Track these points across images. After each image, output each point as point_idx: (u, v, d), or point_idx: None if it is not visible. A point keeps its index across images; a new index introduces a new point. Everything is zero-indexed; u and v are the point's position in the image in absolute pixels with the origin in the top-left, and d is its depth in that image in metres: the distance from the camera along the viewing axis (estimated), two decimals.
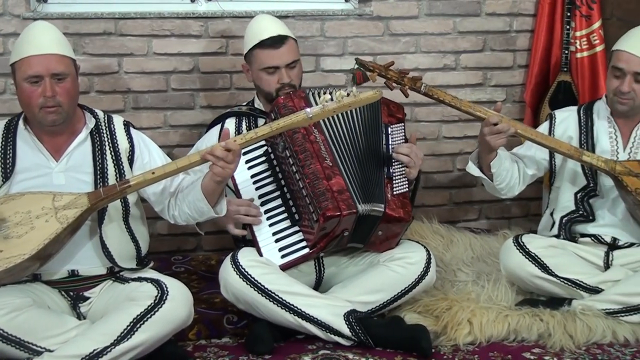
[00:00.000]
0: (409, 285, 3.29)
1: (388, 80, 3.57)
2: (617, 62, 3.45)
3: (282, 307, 3.13)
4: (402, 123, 3.44)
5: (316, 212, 3.14)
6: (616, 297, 3.36)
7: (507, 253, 3.50)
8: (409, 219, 3.28)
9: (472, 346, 3.24)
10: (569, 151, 3.48)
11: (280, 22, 3.53)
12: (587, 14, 4.27)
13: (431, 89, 3.55)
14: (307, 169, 3.20)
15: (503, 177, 3.56)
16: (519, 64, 4.46)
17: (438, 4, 4.27)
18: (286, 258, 3.24)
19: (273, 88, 3.41)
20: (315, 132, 3.28)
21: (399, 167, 3.33)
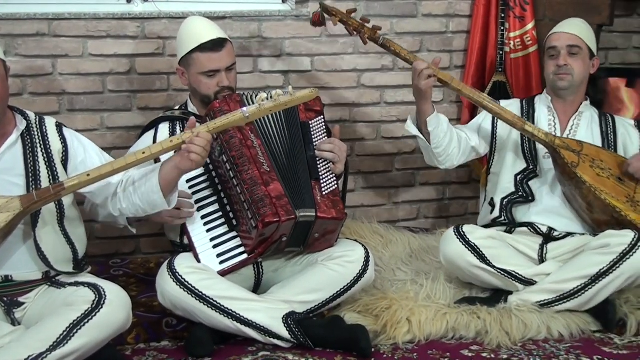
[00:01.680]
0: (347, 284, 3.30)
1: (349, 27, 3.65)
2: (551, 43, 3.68)
3: (220, 313, 3.12)
4: (322, 116, 3.43)
5: (255, 218, 3.13)
6: (550, 285, 3.43)
7: (447, 242, 3.53)
8: (343, 217, 3.29)
9: (412, 345, 3.26)
10: (513, 119, 3.58)
11: (215, 24, 3.51)
12: (520, 15, 4.34)
13: (389, 41, 3.64)
14: (245, 175, 3.19)
15: (440, 139, 3.61)
16: (456, 65, 4.51)
17: (375, 5, 4.29)
18: (224, 264, 3.22)
19: (212, 91, 3.39)
20: (252, 137, 3.27)
21: (325, 165, 3.34)
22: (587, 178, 3.49)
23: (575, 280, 3.38)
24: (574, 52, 3.63)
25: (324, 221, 3.24)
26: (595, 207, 3.52)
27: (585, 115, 3.73)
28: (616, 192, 3.52)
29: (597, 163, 3.55)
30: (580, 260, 3.44)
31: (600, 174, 3.53)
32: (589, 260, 3.39)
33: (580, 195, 3.53)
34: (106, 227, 3.70)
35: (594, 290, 3.36)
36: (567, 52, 3.63)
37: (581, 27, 3.71)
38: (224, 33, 3.46)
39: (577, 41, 3.64)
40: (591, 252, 3.41)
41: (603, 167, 3.55)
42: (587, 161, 3.53)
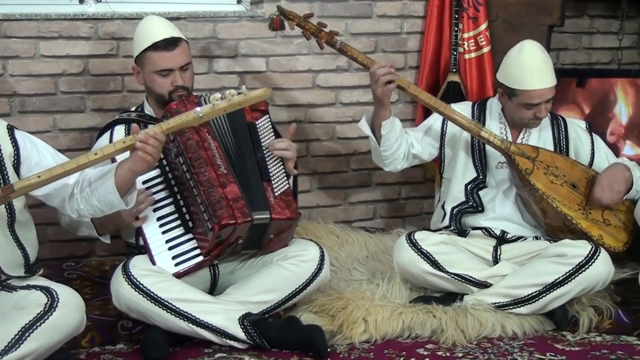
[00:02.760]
0: (303, 283, 3.30)
1: (306, 31, 3.65)
2: (531, 100, 3.54)
3: (175, 316, 3.10)
4: (267, 115, 3.44)
5: (211, 220, 3.12)
6: (504, 290, 3.46)
7: (399, 250, 3.56)
8: (297, 216, 3.31)
9: (368, 344, 3.28)
10: (469, 125, 3.59)
11: (172, 24, 3.49)
12: (474, 16, 4.37)
13: (346, 46, 3.64)
14: (202, 176, 3.17)
15: (391, 143, 3.62)
16: (410, 65, 4.53)
17: (330, 6, 4.30)
18: (180, 266, 3.21)
19: (166, 91, 3.37)
20: (210, 138, 3.26)
21: (275, 166, 3.34)
22: (540, 186, 3.52)
23: (530, 287, 3.42)
24: (549, 100, 3.58)
25: (279, 222, 3.24)
26: (548, 214, 3.57)
27: None
28: (569, 200, 3.56)
29: (551, 170, 3.58)
30: (536, 266, 3.48)
31: (554, 181, 3.57)
32: (544, 268, 3.44)
33: (534, 201, 3.57)
34: (59, 230, 3.65)
35: (548, 298, 3.41)
36: (545, 103, 3.57)
37: (550, 68, 3.60)
38: (180, 32, 3.44)
39: (554, 90, 3.58)
40: (547, 259, 3.46)
41: (557, 173, 3.59)
42: (541, 168, 3.56)
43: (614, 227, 3.58)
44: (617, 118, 4.36)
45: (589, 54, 4.90)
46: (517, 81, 3.56)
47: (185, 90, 3.37)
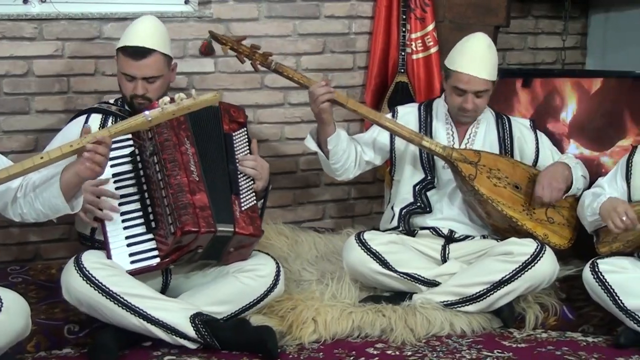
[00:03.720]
0: (257, 298, 3.30)
1: (239, 55, 3.62)
2: (459, 84, 3.59)
3: (126, 310, 3.08)
4: (245, 128, 3.44)
5: (175, 224, 3.10)
6: (453, 288, 3.50)
7: (349, 250, 3.57)
8: (260, 234, 3.31)
9: (317, 344, 3.29)
10: (410, 135, 3.61)
11: (157, 31, 3.43)
12: (421, 16, 4.40)
13: (281, 66, 3.63)
14: (173, 179, 3.16)
15: (339, 156, 3.64)
16: (359, 66, 4.55)
17: (277, 7, 4.30)
18: (135, 264, 3.18)
19: (128, 94, 3.36)
20: (187, 143, 3.24)
21: (245, 180, 3.34)
22: (484, 190, 3.57)
23: (478, 285, 3.46)
24: (480, 94, 3.61)
25: (241, 237, 3.24)
26: (493, 216, 3.62)
27: (482, 121, 3.78)
28: (513, 202, 3.61)
29: (494, 173, 3.63)
30: (483, 265, 3.52)
31: (497, 184, 3.61)
32: (492, 266, 3.48)
33: (479, 204, 3.62)
34: (4, 233, 3.60)
35: (495, 296, 3.45)
36: (475, 95, 3.60)
37: (491, 64, 3.62)
38: (160, 43, 3.39)
39: (487, 85, 3.60)
40: (494, 258, 3.50)
41: (500, 176, 3.63)
42: (484, 172, 3.60)
43: (558, 225, 3.64)
44: (562, 117, 4.42)
45: (534, 54, 4.97)
46: (454, 62, 3.63)
47: (147, 100, 3.32)
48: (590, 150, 4.37)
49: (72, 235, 3.86)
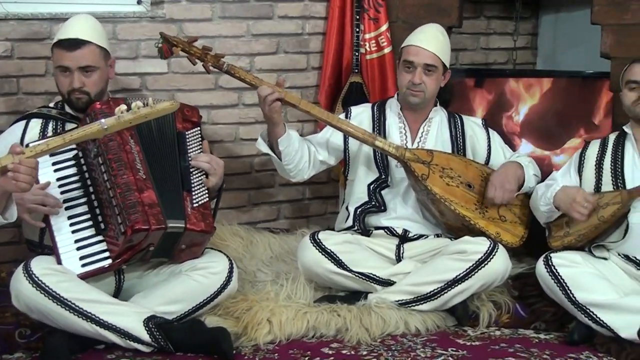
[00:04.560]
0: (210, 295, 3.29)
1: (191, 56, 3.60)
2: (408, 56, 3.66)
3: (78, 316, 3.05)
4: (198, 127, 3.43)
5: (124, 224, 3.08)
6: (407, 287, 3.52)
7: (304, 250, 3.58)
8: (211, 230, 3.29)
9: (273, 345, 3.29)
10: (363, 135, 3.62)
11: (92, 26, 3.43)
12: (374, 17, 4.42)
13: (233, 67, 3.62)
14: (120, 179, 3.13)
15: (292, 157, 3.65)
16: (313, 66, 4.56)
17: (231, 7, 4.28)
18: (87, 267, 3.14)
19: (65, 90, 3.33)
20: (132, 142, 3.22)
21: (198, 177, 3.32)
22: (437, 190, 3.59)
23: (432, 284, 3.49)
24: (429, 69, 3.65)
25: (193, 233, 3.22)
26: (446, 215, 3.65)
27: (435, 120, 3.81)
28: (465, 201, 3.64)
29: (446, 172, 3.65)
30: (437, 263, 3.54)
31: (450, 183, 3.64)
32: (446, 265, 3.51)
33: (432, 204, 3.65)
34: None
35: (449, 294, 3.48)
36: (423, 69, 3.64)
37: (440, 43, 3.71)
38: (96, 36, 3.38)
39: (435, 60, 3.65)
40: (448, 256, 3.53)
41: (452, 175, 3.66)
42: (436, 171, 3.63)
43: (510, 223, 3.68)
44: (513, 117, 4.48)
45: (486, 54, 5.02)
46: (406, 40, 3.73)
47: (84, 94, 3.31)
48: (541, 149, 4.43)
49: (22, 238, 3.80)
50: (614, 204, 3.37)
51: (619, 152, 3.52)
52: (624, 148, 3.53)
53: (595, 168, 3.55)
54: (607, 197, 3.43)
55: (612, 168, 3.50)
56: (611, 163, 3.52)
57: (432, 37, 3.71)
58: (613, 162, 3.51)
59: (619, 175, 3.47)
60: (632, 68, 3.46)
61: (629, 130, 3.55)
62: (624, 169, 3.48)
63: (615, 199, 3.38)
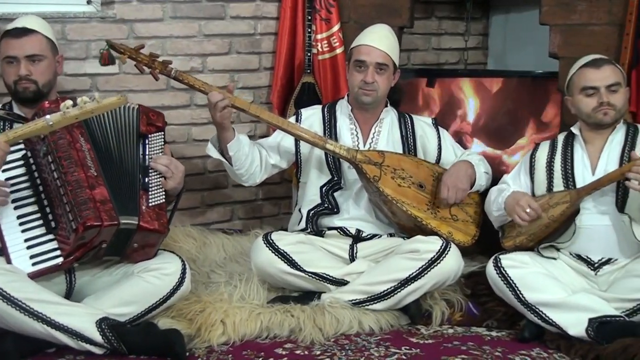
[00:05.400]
0: (163, 297, 3.27)
1: (138, 64, 3.57)
2: (359, 56, 3.68)
3: (30, 316, 3.01)
4: (162, 132, 3.42)
5: (76, 221, 3.05)
6: (361, 287, 3.53)
7: (257, 251, 3.58)
8: (165, 230, 3.27)
9: (226, 346, 3.28)
10: (314, 139, 3.63)
11: (39, 21, 3.46)
12: (326, 17, 4.43)
13: (181, 74, 3.60)
14: (70, 177, 3.10)
15: (242, 162, 3.65)
16: (265, 66, 4.56)
17: (183, 7, 4.27)
18: (37, 266, 3.11)
19: (12, 80, 3.33)
20: (82, 140, 3.19)
21: (156, 178, 3.30)
22: (388, 191, 3.61)
23: (385, 283, 3.50)
24: (381, 68, 3.68)
25: (146, 231, 3.20)
26: (398, 216, 3.67)
27: (385, 121, 3.83)
28: (417, 201, 3.67)
29: (398, 173, 3.68)
30: (390, 263, 3.56)
31: (402, 184, 3.66)
32: (399, 264, 3.52)
33: (384, 205, 3.67)
34: None
35: (403, 293, 3.50)
36: (375, 68, 3.66)
37: (390, 43, 3.74)
38: (44, 28, 3.42)
39: (386, 59, 3.68)
40: (401, 256, 3.54)
41: (404, 176, 3.69)
42: (388, 173, 3.65)
43: (462, 222, 3.72)
44: (465, 116, 4.52)
45: (438, 55, 5.06)
46: (356, 40, 3.76)
47: (32, 83, 3.32)
48: (493, 148, 4.48)
49: None
50: (563, 203, 3.42)
51: (569, 154, 3.57)
52: (573, 149, 3.57)
53: (546, 170, 3.59)
54: (556, 197, 3.48)
55: (562, 169, 3.55)
56: (561, 164, 3.56)
57: (382, 37, 3.74)
58: (563, 163, 3.56)
59: (570, 176, 3.52)
60: (586, 74, 3.48)
61: (577, 131, 3.59)
62: (574, 170, 3.52)
63: (564, 199, 3.44)
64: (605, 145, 3.51)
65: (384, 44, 3.70)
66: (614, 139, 3.51)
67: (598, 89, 3.43)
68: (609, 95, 3.43)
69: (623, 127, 3.54)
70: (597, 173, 3.46)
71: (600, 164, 3.49)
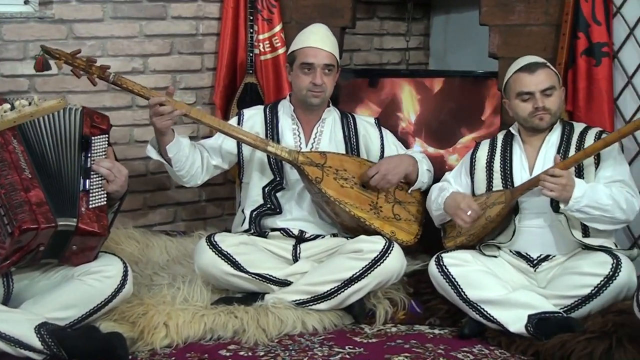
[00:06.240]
0: (104, 300, 3.23)
1: (75, 69, 3.51)
2: (306, 58, 3.67)
3: None
4: (106, 135, 3.37)
5: (11, 224, 2.99)
6: (304, 287, 3.54)
7: (200, 252, 3.57)
8: (105, 233, 3.23)
9: (169, 349, 3.26)
10: (255, 141, 3.63)
11: None
12: (268, 17, 4.43)
13: (120, 78, 3.55)
14: (4, 180, 3.04)
15: (182, 163, 3.63)
16: (207, 67, 4.54)
17: (123, 7, 4.23)
18: None
19: None
20: (15, 142, 3.13)
21: (98, 181, 3.26)
22: (331, 192, 3.62)
23: (329, 283, 3.51)
24: (329, 69, 3.68)
25: (85, 233, 3.15)
26: (341, 216, 3.69)
27: (328, 121, 3.84)
28: (360, 202, 3.69)
29: (340, 173, 3.69)
30: (334, 263, 3.57)
31: (344, 184, 3.68)
32: (342, 264, 3.54)
33: (327, 205, 3.68)
34: None
35: (346, 293, 3.51)
36: (323, 70, 3.66)
37: (333, 43, 3.76)
38: None
39: (332, 60, 3.70)
40: (345, 256, 3.56)
41: (346, 176, 3.70)
42: (330, 174, 3.66)
43: (404, 221, 3.75)
44: (407, 116, 4.55)
45: (380, 55, 5.09)
46: (297, 43, 3.75)
47: None
48: (435, 148, 4.51)
49: None
50: (499, 204, 3.47)
51: (508, 154, 3.62)
52: (512, 149, 3.63)
53: (486, 170, 3.64)
54: (493, 197, 3.53)
55: (501, 170, 3.60)
56: (500, 164, 3.61)
57: (325, 37, 3.75)
58: (502, 163, 3.61)
59: (509, 176, 3.57)
60: (521, 79, 3.52)
61: (515, 131, 3.65)
62: (512, 170, 3.58)
63: (500, 199, 3.49)
64: (543, 146, 3.57)
65: (328, 44, 3.71)
66: (551, 139, 3.57)
67: (533, 93, 3.48)
68: (544, 100, 3.49)
69: (559, 127, 3.60)
70: (534, 173, 3.52)
71: (537, 164, 3.55)
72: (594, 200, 3.33)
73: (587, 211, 3.34)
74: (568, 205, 3.33)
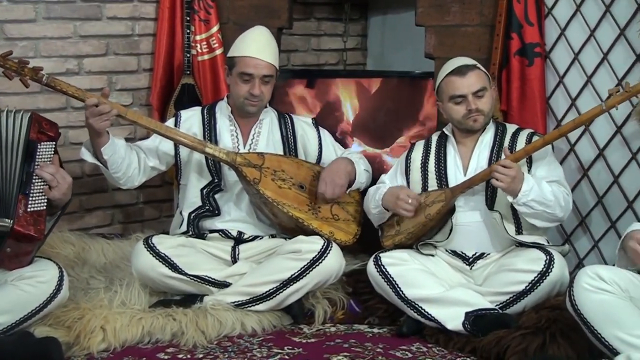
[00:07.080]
0: (39, 305, 3.17)
1: (7, 70, 3.44)
2: (246, 69, 3.64)
3: None
4: (53, 142, 3.31)
5: None
6: (243, 288, 3.54)
7: (137, 255, 3.54)
8: (41, 237, 3.17)
9: (107, 353, 3.23)
10: (193, 143, 3.61)
11: None
12: (205, 18, 4.41)
13: (54, 80, 3.49)
14: None
15: (118, 165, 3.60)
16: (144, 68, 4.50)
17: (56, 8, 4.16)
18: None
19: None
20: None
21: (40, 186, 3.21)
22: (269, 193, 3.62)
23: (267, 284, 3.51)
24: (267, 79, 3.67)
25: (20, 235, 3.09)
26: (279, 217, 3.68)
27: (265, 121, 3.84)
28: (298, 202, 3.69)
29: (278, 174, 3.69)
30: (272, 264, 3.57)
31: (282, 185, 3.68)
32: (280, 264, 3.54)
33: (265, 206, 3.67)
34: None
35: (285, 293, 3.52)
36: (261, 80, 3.64)
37: (273, 50, 3.73)
38: None
39: (272, 70, 3.68)
40: (283, 256, 3.57)
41: (284, 177, 3.70)
42: (268, 175, 3.66)
43: (343, 221, 3.76)
44: (345, 116, 4.57)
45: (318, 56, 5.10)
46: (238, 49, 3.71)
47: None
48: (373, 148, 4.54)
49: None
50: (439, 202, 3.51)
51: (442, 155, 3.67)
52: (446, 150, 3.68)
53: (421, 170, 3.68)
54: (432, 196, 3.56)
55: (436, 170, 3.65)
56: (435, 165, 3.66)
57: (266, 46, 3.71)
58: (437, 164, 3.66)
59: (443, 177, 3.62)
60: (453, 82, 3.56)
61: (449, 132, 3.69)
62: (447, 171, 3.63)
63: (440, 197, 3.53)
64: (476, 146, 3.62)
65: (268, 54, 3.68)
66: (484, 140, 3.63)
67: (465, 96, 3.53)
68: (477, 101, 3.54)
69: (492, 127, 3.66)
70: (468, 173, 3.58)
71: (471, 165, 3.60)
72: (540, 195, 3.39)
73: (532, 205, 3.40)
74: (516, 199, 3.38)
